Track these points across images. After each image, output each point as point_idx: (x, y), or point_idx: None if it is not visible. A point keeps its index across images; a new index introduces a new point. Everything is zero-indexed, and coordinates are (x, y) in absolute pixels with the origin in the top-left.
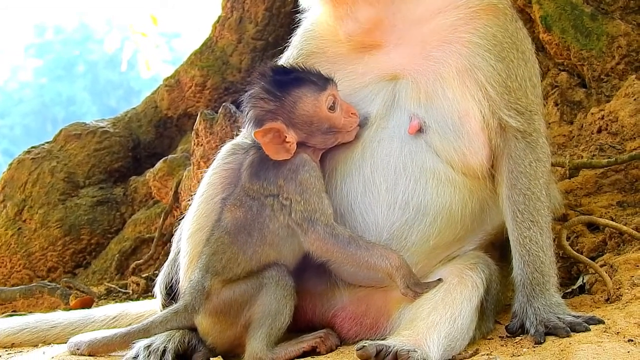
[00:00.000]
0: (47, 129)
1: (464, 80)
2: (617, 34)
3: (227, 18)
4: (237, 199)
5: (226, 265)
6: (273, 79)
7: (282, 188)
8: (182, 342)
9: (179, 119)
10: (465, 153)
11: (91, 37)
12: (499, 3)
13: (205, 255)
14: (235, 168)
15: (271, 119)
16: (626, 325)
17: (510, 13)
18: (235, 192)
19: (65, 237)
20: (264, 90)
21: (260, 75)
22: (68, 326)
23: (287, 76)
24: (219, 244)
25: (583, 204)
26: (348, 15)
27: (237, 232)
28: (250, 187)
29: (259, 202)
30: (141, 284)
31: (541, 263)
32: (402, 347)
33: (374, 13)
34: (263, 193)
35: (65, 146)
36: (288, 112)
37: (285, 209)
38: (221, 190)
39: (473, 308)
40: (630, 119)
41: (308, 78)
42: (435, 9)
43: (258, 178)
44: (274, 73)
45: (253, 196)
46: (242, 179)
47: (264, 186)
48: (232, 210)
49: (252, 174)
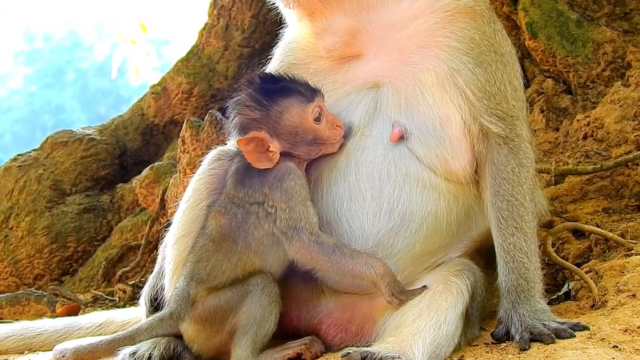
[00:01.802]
0: (37, 136)
1: (444, 85)
2: (603, 41)
3: (213, 25)
4: (222, 206)
5: (211, 272)
6: (260, 87)
7: (267, 196)
8: (167, 349)
9: (166, 127)
10: (448, 159)
11: (80, 45)
12: (476, 5)
13: (190, 262)
14: (221, 174)
15: (255, 128)
16: (611, 331)
17: (488, 15)
18: (220, 199)
19: (51, 244)
20: (250, 98)
21: (248, 83)
22: (54, 333)
23: (274, 85)
24: (204, 252)
25: (569, 210)
26: (326, 31)
27: (222, 239)
28: (235, 195)
29: (243, 210)
30: (128, 291)
31: (526, 269)
32: (387, 354)
33: (350, 24)
34: (248, 201)
35: (52, 154)
36: (273, 122)
37: (270, 217)
38: (206, 196)
39: (458, 314)
40: (615, 125)
41: (295, 88)
42: (412, 15)
43: (243, 185)
44: (261, 81)
45: (238, 204)
46: (227, 186)
47: (249, 194)
48: (217, 217)
49: (237, 182)
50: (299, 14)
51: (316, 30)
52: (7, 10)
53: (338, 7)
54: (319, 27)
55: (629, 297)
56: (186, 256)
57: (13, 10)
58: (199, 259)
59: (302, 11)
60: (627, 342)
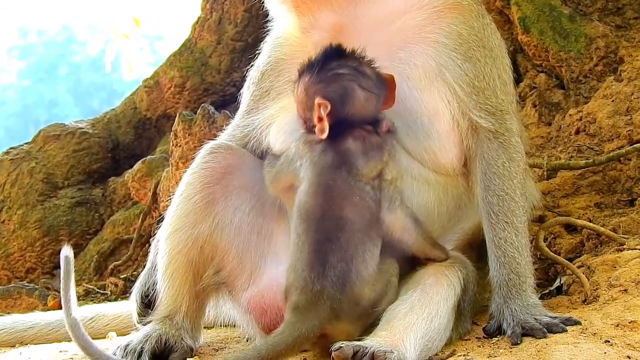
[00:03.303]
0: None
1: (432, 81)
2: (596, 36)
3: (206, 19)
4: (349, 192)
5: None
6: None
7: (386, 164)
8: (158, 343)
9: (158, 120)
10: (436, 152)
11: (74, 40)
12: (463, 0)
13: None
14: (216, 168)
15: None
16: (603, 326)
17: (476, 10)
18: (339, 187)
19: (43, 238)
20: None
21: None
22: (45, 327)
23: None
24: (355, 248)
25: (561, 205)
26: (313, 26)
27: (369, 227)
28: (358, 173)
29: (367, 186)
30: (120, 285)
31: (517, 264)
32: (379, 348)
33: (338, 19)
34: (370, 175)
35: (44, 147)
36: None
37: (386, 184)
38: (200, 190)
39: (450, 307)
40: (608, 120)
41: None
42: (399, 10)
43: (368, 159)
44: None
45: (361, 180)
46: (348, 168)
47: (373, 166)
48: (352, 205)
49: (359, 157)
50: (286, 8)
51: (303, 25)
52: (0, 6)
53: (325, 2)
54: (306, 22)
55: (621, 292)
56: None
57: (7, 5)
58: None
59: (290, 6)
60: (618, 337)
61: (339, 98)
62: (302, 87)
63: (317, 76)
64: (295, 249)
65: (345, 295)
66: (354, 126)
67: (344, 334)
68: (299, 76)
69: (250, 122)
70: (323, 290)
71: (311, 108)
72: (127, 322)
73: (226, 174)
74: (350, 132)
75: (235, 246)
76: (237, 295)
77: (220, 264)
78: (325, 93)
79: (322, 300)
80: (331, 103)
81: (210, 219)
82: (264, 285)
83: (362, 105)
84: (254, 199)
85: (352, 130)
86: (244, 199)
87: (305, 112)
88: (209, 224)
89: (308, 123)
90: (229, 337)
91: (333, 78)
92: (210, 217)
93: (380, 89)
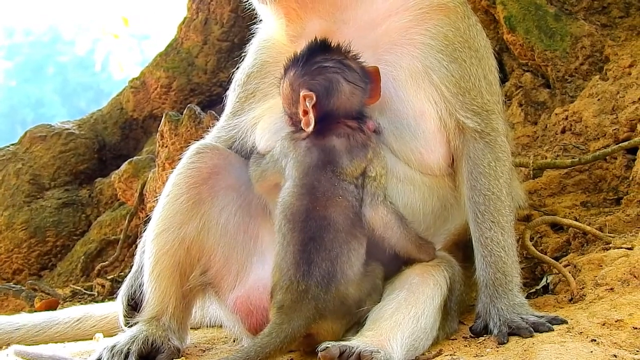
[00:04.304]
0: (17, 131)
1: (418, 82)
2: (581, 35)
3: (192, 19)
4: (331, 191)
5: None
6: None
7: (371, 161)
8: (145, 344)
9: (145, 121)
10: (422, 152)
11: (60, 39)
12: (450, 2)
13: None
14: (203, 168)
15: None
16: (589, 325)
17: (462, 11)
18: (323, 187)
19: (30, 239)
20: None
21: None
22: (32, 328)
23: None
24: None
25: (547, 204)
26: (300, 34)
27: (353, 225)
28: (341, 172)
29: (349, 184)
30: (106, 285)
31: (503, 264)
32: (365, 348)
33: (325, 26)
34: (353, 174)
35: (31, 148)
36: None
37: (369, 181)
38: (186, 191)
39: (436, 307)
40: (594, 119)
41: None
42: (385, 13)
43: (352, 158)
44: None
45: (344, 179)
46: (333, 166)
47: (358, 165)
48: (335, 205)
49: (343, 156)
50: (274, 11)
51: (292, 33)
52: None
53: (314, 9)
54: (294, 30)
55: (607, 291)
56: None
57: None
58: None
59: (278, 9)
60: (605, 336)
61: (324, 90)
62: (287, 82)
63: (302, 69)
64: (280, 249)
65: (330, 294)
66: (339, 121)
67: (330, 332)
68: (285, 72)
69: (236, 124)
70: (308, 290)
71: (297, 102)
72: (114, 324)
73: (212, 174)
74: (335, 129)
75: (222, 246)
76: (224, 296)
77: (206, 264)
78: (310, 85)
79: (307, 300)
80: (316, 95)
81: (196, 219)
82: (250, 286)
83: (348, 98)
84: (240, 199)
85: (337, 126)
86: (230, 199)
87: (291, 107)
88: (195, 224)
89: (294, 118)
90: (216, 338)
91: (318, 71)
92: (196, 218)
93: (366, 82)
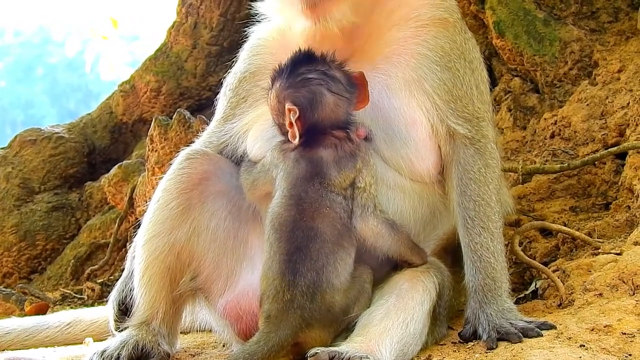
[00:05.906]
0: (6, 132)
1: (412, 90)
2: (570, 40)
3: (182, 23)
4: (319, 202)
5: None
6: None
7: (360, 172)
8: (135, 349)
9: (134, 125)
10: (413, 160)
11: (50, 40)
12: (450, 17)
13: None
14: (194, 174)
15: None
16: (578, 330)
17: (460, 25)
18: (310, 197)
19: (20, 242)
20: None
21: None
22: (22, 332)
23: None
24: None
25: (536, 209)
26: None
27: (340, 236)
28: (330, 182)
29: (337, 196)
30: (96, 289)
31: (493, 269)
32: (354, 354)
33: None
34: (342, 185)
35: (21, 152)
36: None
37: (358, 192)
38: (176, 197)
39: (425, 312)
40: (582, 124)
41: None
42: (387, 26)
43: (340, 169)
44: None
45: (332, 191)
46: (322, 177)
47: (346, 175)
48: (322, 216)
49: (332, 167)
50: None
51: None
52: None
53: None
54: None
55: (596, 296)
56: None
57: None
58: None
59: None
60: (594, 341)
61: (307, 103)
62: (274, 93)
63: (286, 81)
64: (267, 258)
65: (316, 303)
66: (326, 132)
67: (317, 340)
68: (272, 83)
69: (227, 129)
70: (293, 299)
71: (283, 114)
72: (104, 328)
73: (203, 180)
74: (322, 140)
75: (212, 252)
76: (214, 301)
77: (196, 269)
78: (294, 98)
79: (293, 309)
80: (299, 108)
81: (187, 225)
82: (240, 291)
83: (332, 110)
84: (230, 205)
85: (324, 137)
86: (220, 205)
87: (278, 118)
88: (185, 229)
89: (282, 129)
90: (206, 343)
91: (302, 83)
92: (187, 223)
93: (352, 92)
